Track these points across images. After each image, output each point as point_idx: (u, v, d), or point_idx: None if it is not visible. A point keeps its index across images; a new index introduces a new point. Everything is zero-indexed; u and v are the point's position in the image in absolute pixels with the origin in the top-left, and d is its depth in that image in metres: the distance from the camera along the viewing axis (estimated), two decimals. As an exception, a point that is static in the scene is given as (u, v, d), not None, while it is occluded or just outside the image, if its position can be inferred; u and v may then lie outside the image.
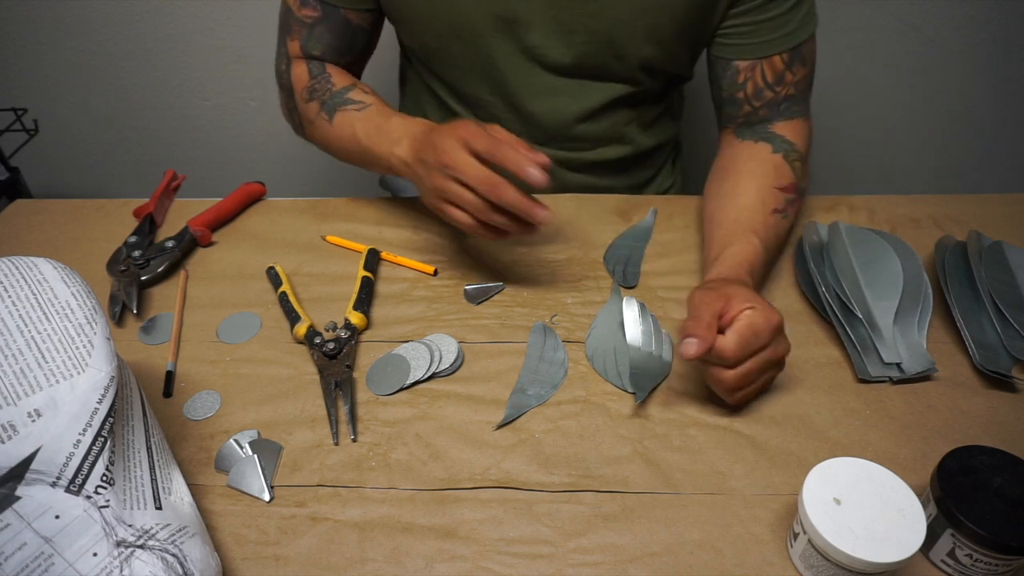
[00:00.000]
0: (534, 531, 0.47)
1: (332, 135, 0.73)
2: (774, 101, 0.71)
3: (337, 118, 0.72)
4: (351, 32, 0.76)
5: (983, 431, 0.52)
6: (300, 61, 0.76)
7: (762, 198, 0.66)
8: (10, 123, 1.25)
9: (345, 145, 0.72)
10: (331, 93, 0.73)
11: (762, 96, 0.71)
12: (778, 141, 0.70)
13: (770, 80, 0.70)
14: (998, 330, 0.58)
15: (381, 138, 0.67)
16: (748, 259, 0.60)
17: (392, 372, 0.58)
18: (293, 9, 0.75)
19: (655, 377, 0.57)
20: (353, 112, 0.71)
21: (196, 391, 0.58)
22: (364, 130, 0.69)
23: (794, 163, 0.69)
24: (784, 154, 0.69)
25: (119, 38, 1.30)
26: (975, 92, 1.34)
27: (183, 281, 0.69)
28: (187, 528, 0.41)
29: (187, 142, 1.45)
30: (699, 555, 0.45)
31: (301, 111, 0.77)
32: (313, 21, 0.74)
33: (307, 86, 0.75)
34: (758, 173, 0.68)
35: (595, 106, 0.76)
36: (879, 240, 0.66)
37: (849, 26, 1.25)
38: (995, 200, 0.77)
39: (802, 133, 0.72)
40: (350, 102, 0.72)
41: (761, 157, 0.69)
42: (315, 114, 0.74)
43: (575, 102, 0.76)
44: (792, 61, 0.69)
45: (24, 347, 0.39)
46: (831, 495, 0.42)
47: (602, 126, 0.79)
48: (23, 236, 0.77)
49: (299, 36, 0.75)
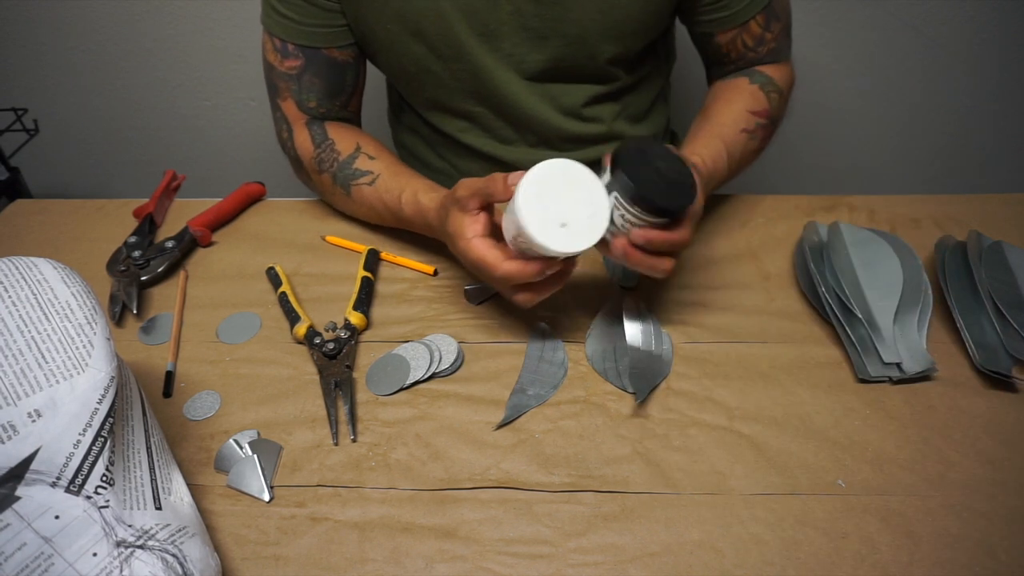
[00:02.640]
0: (534, 531, 0.47)
1: (356, 209, 0.73)
2: (756, 58, 0.76)
3: (354, 193, 0.71)
4: (339, 71, 0.74)
5: (983, 431, 0.52)
6: (301, 127, 0.75)
7: (734, 118, 0.71)
8: (10, 123, 1.25)
9: (377, 215, 0.72)
10: (338, 164, 0.72)
11: (746, 57, 0.76)
12: (757, 75, 0.75)
13: (750, 44, 0.75)
14: (998, 330, 0.58)
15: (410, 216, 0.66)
16: (710, 156, 0.65)
17: (392, 372, 0.58)
18: (276, 66, 0.73)
19: (655, 377, 0.57)
20: (366, 187, 0.70)
21: (196, 391, 0.58)
22: (392, 208, 0.68)
23: (770, 94, 0.74)
24: (761, 85, 0.74)
25: (119, 38, 1.30)
26: (975, 92, 1.34)
27: (183, 281, 0.69)
28: (187, 528, 0.41)
29: (187, 142, 1.45)
30: (699, 555, 0.45)
31: (316, 183, 0.76)
32: (299, 71, 0.72)
33: (314, 157, 0.74)
34: (734, 98, 0.73)
35: (578, 104, 0.76)
36: (879, 240, 0.66)
37: (849, 26, 1.25)
38: (995, 200, 0.77)
39: (782, 73, 0.77)
40: (359, 174, 0.71)
41: (739, 87, 0.74)
42: (330, 187, 0.73)
43: (559, 103, 0.76)
44: (768, 21, 0.73)
45: (24, 347, 0.39)
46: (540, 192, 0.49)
47: (591, 124, 0.79)
48: (23, 236, 0.77)
49: (290, 92, 0.73)
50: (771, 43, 0.74)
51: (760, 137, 0.72)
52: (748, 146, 0.71)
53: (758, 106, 0.72)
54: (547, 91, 0.75)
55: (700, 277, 0.68)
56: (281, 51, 0.71)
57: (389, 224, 0.72)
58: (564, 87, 0.75)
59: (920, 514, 0.47)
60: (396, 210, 0.68)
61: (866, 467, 0.50)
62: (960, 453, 0.51)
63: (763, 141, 0.74)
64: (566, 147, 0.80)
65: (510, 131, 0.78)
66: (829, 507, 0.48)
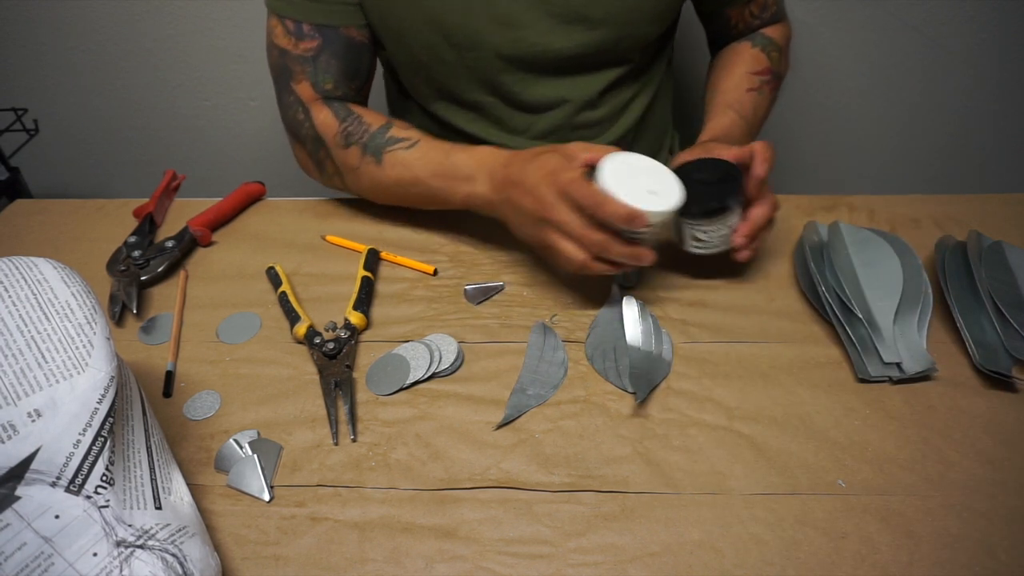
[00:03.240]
0: (534, 531, 0.47)
1: (384, 178, 0.69)
2: (760, 24, 0.82)
3: (387, 159, 0.68)
4: (356, 51, 0.73)
5: (983, 431, 0.52)
6: (319, 105, 0.72)
7: (737, 82, 0.77)
8: (10, 123, 1.25)
9: (403, 188, 0.69)
10: (369, 134, 0.69)
11: (752, 26, 0.82)
12: (759, 38, 0.81)
13: (756, 12, 0.81)
14: (998, 330, 0.58)
15: (449, 176, 0.64)
16: (724, 127, 0.71)
17: (392, 372, 0.58)
18: (289, 50, 0.71)
19: (655, 377, 0.57)
20: (402, 152, 0.67)
21: (196, 391, 0.58)
22: (426, 169, 0.66)
23: (771, 53, 0.79)
24: (762, 47, 0.80)
25: (119, 38, 1.30)
26: (975, 92, 1.34)
27: (183, 281, 0.69)
28: (187, 528, 0.41)
29: (187, 142, 1.45)
30: (699, 555, 0.45)
31: (339, 159, 0.72)
32: (315, 52, 0.70)
33: (339, 131, 0.71)
34: (736, 62, 0.79)
35: (595, 93, 0.77)
36: (879, 240, 0.66)
37: (849, 26, 1.25)
38: (995, 200, 0.77)
39: (781, 31, 0.83)
40: (395, 140, 0.68)
41: (741, 51, 0.80)
42: (358, 159, 0.70)
43: (576, 93, 0.76)
44: None
45: (24, 347, 0.39)
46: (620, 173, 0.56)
47: (601, 111, 0.80)
48: (23, 236, 0.77)
49: (305, 75, 0.71)
50: (772, 7, 0.81)
51: (767, 91, 0.78)
52: (758, 102, 0.77)
53: (759, 66, 0.78)
54: (565, 79, 0.75)
55: (700, 277, 0.68)
56: (295, 33, 0.70)
57: (412, 193, 0.69)
58: (584, 75, 0.76)
59: (920, 514, 0.47)
60: (439, 166, 0.65)
61: (866, 467, 0.50)
62: (960, 453, 0.51)
63: (772, 92, 0.80)
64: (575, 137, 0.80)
65: (520, 121, 0.78)
66: (829, 507, 0.48)
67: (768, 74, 0.78)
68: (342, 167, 0.72)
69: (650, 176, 0.58)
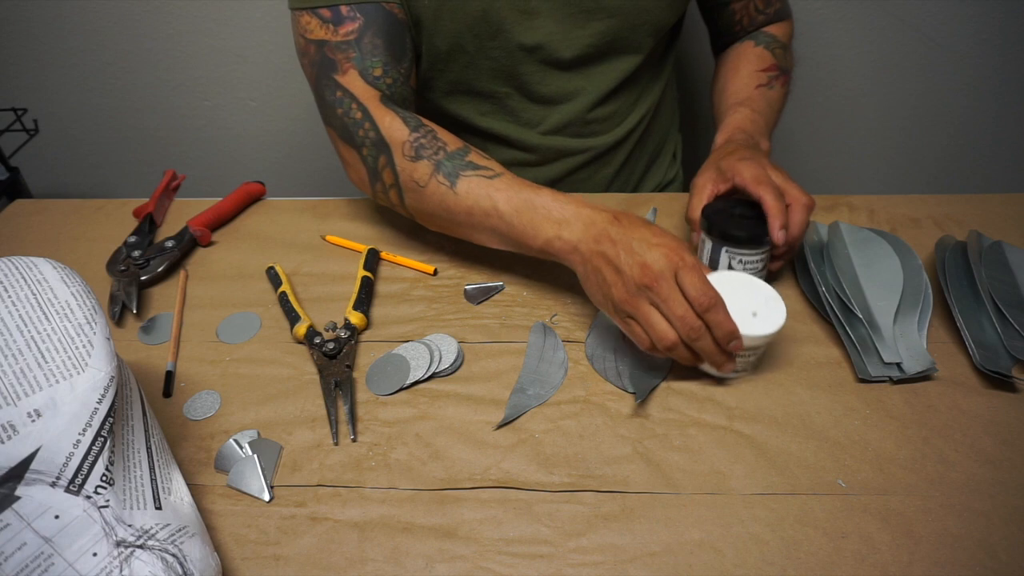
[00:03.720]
0: (534, 531, 0.47)
1: (456, 204, 0.62)
2: (764, 21, 0.81)
3: (462, 186, 0.62)
4: (399, 29, 0.67)
5: (983, 431, 0.52)
6: (383, 108, 0.65)
7: (746, 81, 0.77)
8: (10, 123, 1.25)
9: (476, 219, 0.62)
10: (446, 154, 0.63)
11: (756, 22, 0.81)
12: (761, 36, 0.81)
13: (761, 7, 0.81)
14: (998, 330, 0.58)
15: (537, 216, 0.58)
16: (738, 123, 0.71)
17: (392, 372, 0.58)
18: (329, 39, 0.65)
19: (655, 377, 0.57)
20: (484, 180, 0.61)
21: (196, 391, 0.58)
22: (509, 204, 0.60)
23: (775, 51, 0.80)
24: (766, 45, 0.80)
25: (119, 38, 1.30)
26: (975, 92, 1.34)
27: (183, 281, 0.69)
28: (187, 528, 0.41)
29: (187, 142, 1.45)
30: (699, 555, 0.45)
31: (404, 172, 0.64)
32: (358, 33, 0.65)
33: (409, 141, 0.64)
34: (742, 63, 0.79)
35: (610, 86, 0.78)
36: (879, 240, 0.66)
37: (849, 26, 1.25)
38: (995, 200, 0.77)
39: (785, 28, 0.83)
40: (474, 167, 0.62)
41: (746, 52, 0.80)
42: (427, 177, 0.63)
43: (591, 85, 0.77)
44: None
45: (24, 347, 0.39)
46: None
47: (612, 107, 0.80)
48: (23, 236, 0.77)
49: (351, 62, 0.65)
50: (777, 3, 0.81)
51: (777, 85, 0.78)
52: (770, 96, 0.77)
53: (764, 64, 0.78)
54: (582, 70, 0.76)
55: (700, 277, 0.68)
56: (333, 20, 0.65)
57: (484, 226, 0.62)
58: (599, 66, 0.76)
59: (920, 514, 0.47)
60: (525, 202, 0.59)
61: (866, 467, 0.50)
62: (960, 453, 0.51)
63: (782, 87, 0.79)
64: (586, 132, 0.80)
65: (534, 114, 0.78)
66: (829, 507, 0.48)
67: (776, 70, 0.78)
68: (405, 182, 0.65)
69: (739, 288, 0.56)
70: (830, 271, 0.64)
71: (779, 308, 0.55)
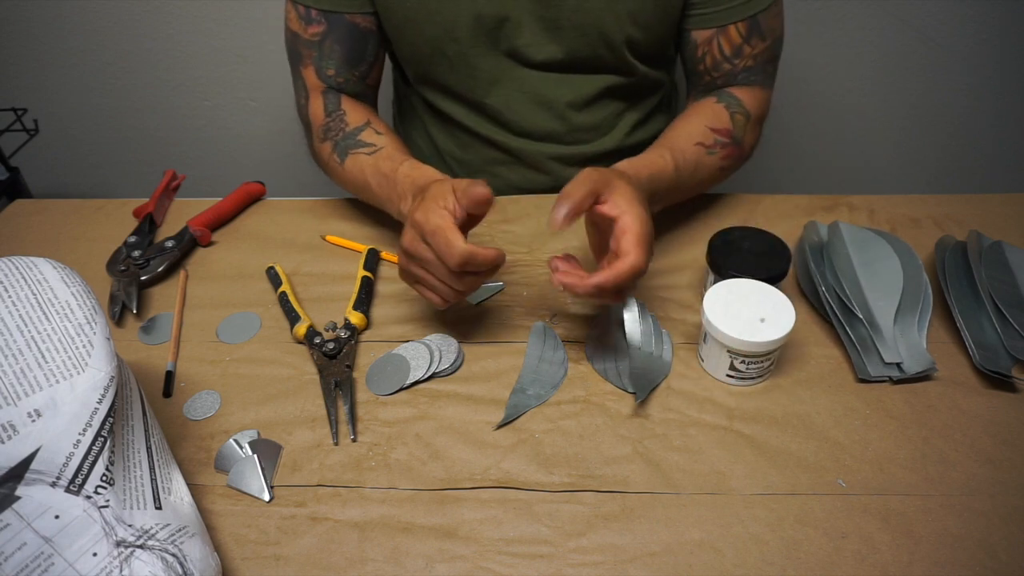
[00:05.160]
0: (534, 531, 0.47)
1: (344, 179, 0.71)
2: (731, 72, 0.72)
3: (348, 162, 0.70)
4: (360, 38, 0.73)
5: (983, 431, 0.52)
6: (317, 94, 0.74)
7: (689, 131, 0.69)
8: (10, 123, 1.25)
9: (361, 192, 0.71)
10: (344, 133, 0.71)
11: (720, 68, 0.72)
12: (726, 96, 0.72)
13: (727, 53, 0.71)
14: (998, 330, 0.58)
15: (390, 190, 0.64)
16: (647, 163, 0.63)
17: (392, 372, 0.58)
18: (300, 33, 0.72)
19: (655, 377, 0.57)
20: (364, 156, 0.68)
21: (196, 391, 0.58)
22: (375, 179, 0.67)
23: (735, 115, 0.71)
24: (727, 105, 0.71)
25: (119, 38, 1.30)
26: (975, 92, 1.34)
27: (183, 281, 0.69)
28: (187, 528, 0.41)
29: (187, 142, 1.45)
30: (699, 555, 0.45)
31: (318, 151, 0.74)
32: (321, 37, 0.72)
33: (322, 124, 0.73)
34: (693, 115, 0.71)
35: (588, 96, 0.77)
36: (879, 240, 0.66)
37: (849, 26, 1.25)
38: (995, 200, 0.77)
39: (756, 98, 0.73)
40: (361, 144, 0.69)
41: (703, 105, 0.72)
42: (328, 155, 0.72)
43: (568, 94, 0.77)
44: (750, 34, 0.70)
45: (24, 347, 0.39)
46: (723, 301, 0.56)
47: (596, 117, 0.79)
48: (23, 236, 0.77)
49: (311, 60, 0.73)
50: (748, 60, 0.71)
51: (721, 155, 0.70)
52: (704, 160, 0.68)
53: (718, 124, 0.70)
54: (559, 81, 0.75)
55: (700, 277, 0.68)
56: (305, 18, 0.72)
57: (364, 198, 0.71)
58: (576, 77, 0.76)
59: (920, 514, 0.47)
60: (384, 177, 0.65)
61: (866, 467, 0.50)
62: (960, 453, 0.51)
63: (725, 160, 0.71)
64: (570, 138, 0.80)
65: (518, 121, 0.79)
66: (829, 507, 0.48)
67: (726, 136, 0.70)
68: (320, 160, 0.75)
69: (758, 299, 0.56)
70: (830, 271, 0.64)
71: (787, 313, 0.55)
